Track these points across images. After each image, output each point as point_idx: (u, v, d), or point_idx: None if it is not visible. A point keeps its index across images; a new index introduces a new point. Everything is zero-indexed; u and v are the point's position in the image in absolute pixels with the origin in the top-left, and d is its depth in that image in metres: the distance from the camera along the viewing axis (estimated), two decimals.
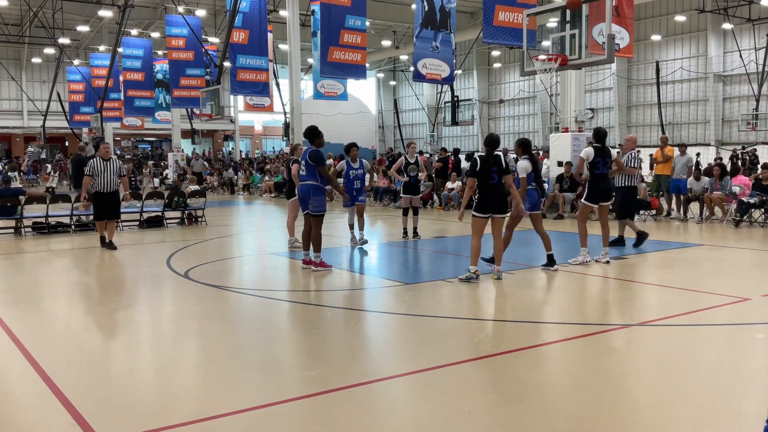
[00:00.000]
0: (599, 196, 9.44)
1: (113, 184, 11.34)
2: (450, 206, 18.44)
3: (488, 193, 8.03)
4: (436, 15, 19.17)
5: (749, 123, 30.84)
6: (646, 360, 5.18)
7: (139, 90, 31.80)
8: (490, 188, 8.04)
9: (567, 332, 5.88)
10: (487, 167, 8.05)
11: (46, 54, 41.15)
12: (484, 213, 8.05)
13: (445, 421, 3.97)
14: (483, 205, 8.05)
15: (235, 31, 21.46)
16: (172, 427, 3.90)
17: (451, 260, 10.38)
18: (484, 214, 8.06)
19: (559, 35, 15.17)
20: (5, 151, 45.90)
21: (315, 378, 4.72)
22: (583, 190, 9.85)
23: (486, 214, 8.06)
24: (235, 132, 47.92)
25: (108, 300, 7.69)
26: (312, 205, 8.96)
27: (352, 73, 20.50)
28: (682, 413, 4.10)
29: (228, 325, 6.45)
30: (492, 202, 8.04)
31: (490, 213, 8.07)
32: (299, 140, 18.59)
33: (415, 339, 5.81)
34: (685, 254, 10.31)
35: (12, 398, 4.53)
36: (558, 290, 7.89)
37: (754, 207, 13.72)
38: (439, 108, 40.09)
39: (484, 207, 8.04)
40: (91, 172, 11.19)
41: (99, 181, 11.19)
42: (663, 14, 35.53)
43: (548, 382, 4.67)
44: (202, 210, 15.51)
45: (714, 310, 6.63)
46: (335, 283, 8.58)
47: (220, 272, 9.34)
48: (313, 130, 9.18)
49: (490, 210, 8.06)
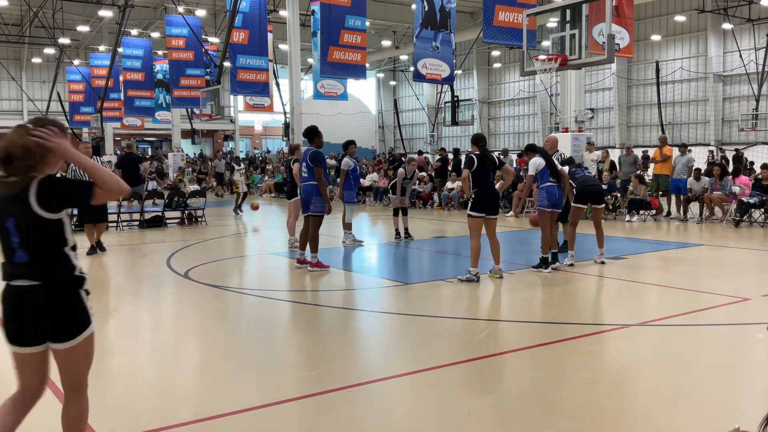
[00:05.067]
0: (587, 197, 9.41)
1: None
2: (450, 206, 18.44)
3: (485, 192, 8.05)
4: (436, 15, 19.18)
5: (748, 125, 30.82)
6: (646, 360, 5.18)
7: (139, 90, 31.77)
8: (486, 188, 8.07)
9: (567, 332, 5.88)
10: (486, 166, 8.07)
11: (46, 54, 41.14)
12: (480, 212, 8.07)
13: (444, 421, 3.97)
14: (480, 205, 8.06)
15: (235, 31, 21.45)
16: (172, 427, 3.90)
17: (450, 260, 10.38)
18: (480, 214, 8.07)
19: (559, 35, 15.18)
20: None
21: (315, 378, 4.72)
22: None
23: (481, 213, 8.06)
24: (235, 132, 47.91)
25: (108, 300, 7.69)
26: (313, 205, 8.96)
27: (352, 73, 20.50)
28: (682, 413, 4.10)
29: (228, 325, 6.45)
30: (487, 201, 8.06)
31: (485, 213, 8.08)
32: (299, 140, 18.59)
33: (414, 339, 5.81)
34: (685, 254, 10.31)
35: None
36: (558, 290, 7.89)
37: (754, 207, 13.72)
38: (439, 108, 40.07)
39: (481, 206, 8.05)
40: (73, 175, 10.93)
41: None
42: (663, 14, 35.52)
43: (548, 382, 4.67)
44: (202, 210, 15.51)
45: (714, 310, 6.63)
46: (335, 283, 8.58)
47: (220, 272, 9.34)
48: (313, 129, 9.19)
49: (485, 210, 8.06)
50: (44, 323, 2.86)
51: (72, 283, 2.90)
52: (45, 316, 2.85)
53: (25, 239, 2.82)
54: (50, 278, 2.85)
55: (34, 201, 2.77)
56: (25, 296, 2.84)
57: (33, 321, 2.85)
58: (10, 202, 2.81)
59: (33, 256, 2.84)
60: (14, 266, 2.86)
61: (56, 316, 2.86)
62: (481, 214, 8.08)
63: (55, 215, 2.84)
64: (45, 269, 2.84)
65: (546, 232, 8.78)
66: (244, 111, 42.02)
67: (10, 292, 2.86)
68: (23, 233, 2.82)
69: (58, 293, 2.86)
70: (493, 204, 8.16)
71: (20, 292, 2.84)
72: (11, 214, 2.81)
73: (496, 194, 8.27)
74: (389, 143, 49.83)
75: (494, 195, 8.20)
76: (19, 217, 2.80)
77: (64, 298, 2.87)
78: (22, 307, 2.85)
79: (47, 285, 2.84)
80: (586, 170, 10.07)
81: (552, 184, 8.74)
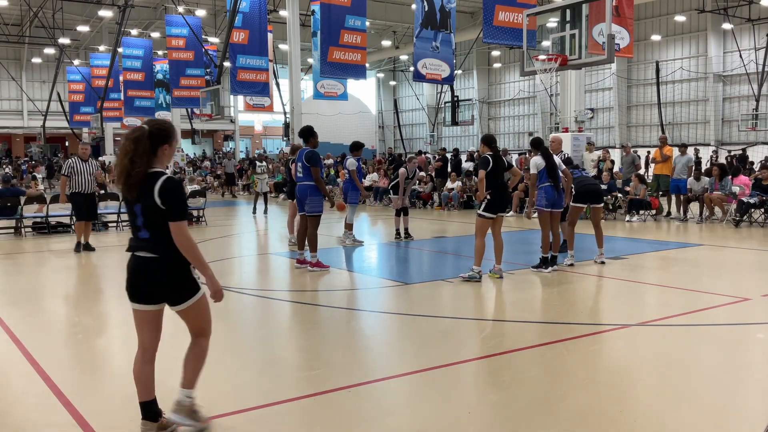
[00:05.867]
0: (585, 197, 9.42)
1: (91, 185, 11.35)
2: (450, 206, 18.44)
3: (499, 193, 8.08)
4: (436, 15, 19.18)
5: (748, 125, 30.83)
6: (646, 360, 5.18)
7: (139, 90, 31.77)
8: (500, 188, 8.09)
9: (567, 332, 5.88)
10: (500, 168, 8.10)
11: (46, 54, 41.14)
12: (493, 213, 8.08)
13: (445, 421, 3.97)
14: (493, 206, 8.06)
15: (235, 31, 21.45)
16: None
17: (450, 260, 10.38)
18: (492, 215, 8.08)
19: (559, 35, 15.18)
20: (5, 151, 45.92)
21: (315, 378, 4.72)
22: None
23: (494, 214, 8.08)
24: (235, 132, 47.91)
25: (108, 300, 7.70)
26: (308, 205, 8.96)
27: (352, 73, 20.49)
28: (682, 413, 4.10)
29: (228, 325, 6.45)
30: (500, 202, 8.10)
31: (498, 212, 8.12)
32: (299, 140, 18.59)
33: (415, 339, 5.81)
34: (685, 254, 10.31)
35: (12, 398, 4.53)
36: (558, 290, 7.89)
37: (754, 207, 13.72)
38: (439, 108, 40.06)
39: (494, 208, 8.06)
40: (69, 172, 11.14)
41: (77, 182, 11.16)
42: (663, 14, 35.53)
43: (548, 382, 4.67)
44: (202, 210, 15.51)
45: (714, 310, 6.63)
46: (335, 283, 8.58)
47: (220, 272, 9.33)
48: (308, 129, 9.22)
49: (498, 211, 8.11)
50: (160, 289, 3.58)
51: (183, 260, 3.54)
52: (161, 283, 3.56)
53: (147, 221, 3.53)
54: (165, 253, 3.52)
55: (156, 194, 3.48)
56: (145, 265, 3.54)
57: (150, 285, 3.57)
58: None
59: (153, 235, 3.53)
60: (139, 241, 3.57)
61: (170, 286, 3.57)
62: (492, 215, 8.09)
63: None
64: (162, 246, 3.51)
65: (545, 231, 8.78)
66: (244, 111, 42.03)
67: (135, 261, 3.58)
68: (146, 216, 3.53)
69: (171, 266, 3.53)
70: (504, 203, 8.22)
71: (142, 262, 3.55)
72: (138, 201, 3.54)
73: (507, 195, 8.31)
74: (389, 143, 49.82)
75: (506, 196, 8.26)
76: (144, 204, 3.52)
77: (175, 271, 3.55)
78: (142, 273, 3.55)
79: (163, 259, 3.52)
80: (584, 171, 10.10)
81: (549, 185, 8.77)
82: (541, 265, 8.76)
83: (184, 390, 3.72)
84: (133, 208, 3.56)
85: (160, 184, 3.47)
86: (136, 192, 3.51)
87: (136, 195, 3.52)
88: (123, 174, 3.51)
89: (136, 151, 3.47)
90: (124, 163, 3.48)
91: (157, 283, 3.55)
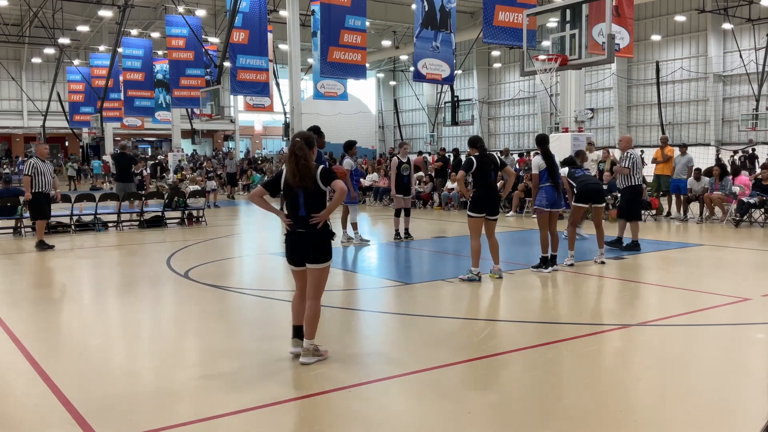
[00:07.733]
0: (587, 197, 9.43)
1: (50, 185, 11.57)
2: (450, 206, 18.44)
3: (485, 193, 8.07)
4: (436, 15, 19.17)
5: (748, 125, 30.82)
6: (646, 360, 5.19)
7: (139, 90, 31.77)
8: (486, 188, 8.08)
9: (567, 332, 5.88)
10: (486, 167, 8.08)
11: (46, 54, 41.15)
12: (479, 213, 8.07)
13: (445, 421, 3.97)
14: (479, 205, 8.07)
15: (235, 31, 21.45)
16: (172, 427, 3.90)
17: (450, 260, 10.38)
18: (479, 214, 8.08)
19: (559, 35, 15.16)
20: (5, 151, 45.92)
21: (315, 378, 4.72)
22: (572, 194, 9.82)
23: (481, 213, 8.07)
24: (235, 132, 47.91)
25: (108, 300, 7.70)
26: None
27: (352, 73, 20.48)
28: (682, 413, 4.10)
29: (228, 325, 6.45)
30: (486, 201, 8.07)
31: (485, 213, 8.09)
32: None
33: (415, 339, 5.81)
34: (685, 254, 10.31)
35: (12, 398, 4.53)
36: (558, 290, 7.89)
37: (754, 207, 13.72)
38: (439, 108, 40.08)
39: (480, 207, 8.06)
40: (32, 172, 11.34)
41: (40, 182, 11.33)
42: (663, 14, 35.53)
43: (548, 381, 4.67)
44: (202, 210, 15.51)
45: (714, 310, 6.63)
46: (335, 283, 8.56)
47: (220, 272, 9.34)
48: (315, 130, 9.12)
49: (485, 210, 8.08)
50: (307, 254, 4.97)
51: (327, 234, 5.00)
52: (310, 249, 4.97)
53: (307, 202, 4.93)
54: (313, 228, 4.93)
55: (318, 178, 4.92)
56: (299, 237, 4.98)
57: (301, 252, 5.01)
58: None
59: (307, 213, 4.94)
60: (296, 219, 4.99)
61: (315, 250, 4.96)
62: (480, 215, 8.08)
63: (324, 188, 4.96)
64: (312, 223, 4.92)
65: (543, 232, 8.79)
66: (244, 111, 42.00)
67: (292, 235, 5.02)
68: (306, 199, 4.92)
69: (319, 238, 4.96)
70: (493, 205, 8.16)
71: (298, 235, 4.99)
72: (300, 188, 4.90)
73: (496, 195, 8.26)
74: (389, 143, 49.84)
75: (494, 196, 8.20)
76: (305, 188, 4.89)
77: (321, 241, 4.97)
78: (297, 244, 5.02)
79: (312, 232, 4.95)
80: (587, 170, 10.10)
81: (550, 185, 8.80)
82: (540, 265, 8.76)
83: (307, 340, 5.02)
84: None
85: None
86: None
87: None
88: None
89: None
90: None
91: (307, 250, 4.96)
